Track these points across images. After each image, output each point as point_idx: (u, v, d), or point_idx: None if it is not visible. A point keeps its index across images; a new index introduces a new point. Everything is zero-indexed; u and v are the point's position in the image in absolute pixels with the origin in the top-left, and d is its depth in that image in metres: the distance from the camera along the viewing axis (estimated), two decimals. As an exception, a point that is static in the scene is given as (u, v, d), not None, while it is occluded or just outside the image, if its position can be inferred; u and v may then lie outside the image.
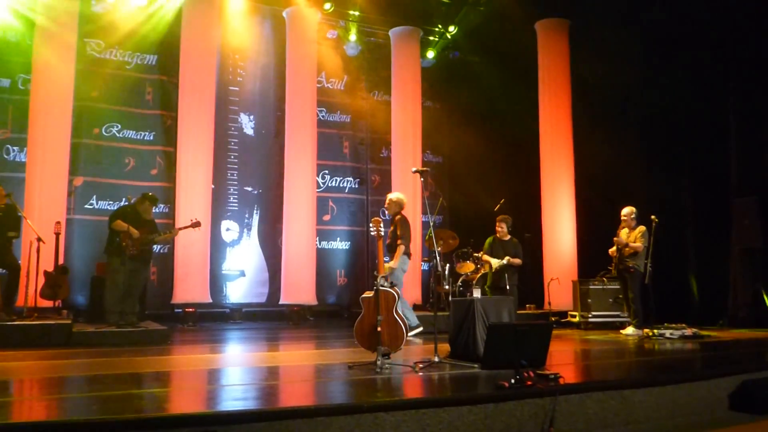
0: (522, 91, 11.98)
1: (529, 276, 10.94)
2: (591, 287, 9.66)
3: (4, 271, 7.53)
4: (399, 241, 7.70)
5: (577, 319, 9.79)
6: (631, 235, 8.29)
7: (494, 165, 12.40)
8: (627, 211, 8.44)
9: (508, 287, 8.32)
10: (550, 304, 10.90)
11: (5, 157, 9.92)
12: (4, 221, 7.33)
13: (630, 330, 8.22)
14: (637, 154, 10.62)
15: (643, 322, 8.18)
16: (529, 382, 4.03)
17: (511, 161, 12.39)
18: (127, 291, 7.61)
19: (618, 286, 9.03)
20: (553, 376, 4.23)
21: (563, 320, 10.22)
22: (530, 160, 11.85)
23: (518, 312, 8.48)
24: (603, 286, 9.60)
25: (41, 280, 8.12)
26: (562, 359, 6.02)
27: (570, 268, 11.17)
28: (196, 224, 7.91)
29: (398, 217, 7.91)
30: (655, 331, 7.80)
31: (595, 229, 10.47)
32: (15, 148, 9.94)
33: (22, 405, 4.06)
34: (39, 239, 7.79)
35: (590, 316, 9.55)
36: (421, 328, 8.06)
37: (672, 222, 9.48)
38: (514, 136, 12.23)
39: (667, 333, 7.73)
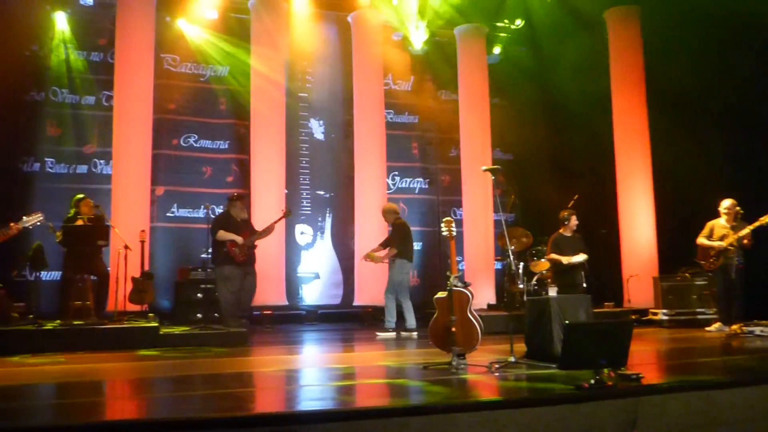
0: (593, 83, 11.65)
1: (607, 273, 10.63)
2: (673, 283, 9.29)
3: (95, 277, 7.92)
4: (392, 245, 8.32)
5: (659, 316, 9.44)
6: (744, 229, 7.86)
7: (566, 160, 12.12)
8: (729, 203, 8.02)
9: (585, 285, 8.10)
10: (629, 301, 10.56)
11: (93, 170, 10.48)
12: (93, 231, 7.71)
13: (716, 327, 7.87)
14: (716, 146, 10.14)
15: (731, 319, 7.80)
16: (610, 383, 3.93)
17: (583, 156, 12.08)
18: (239, 295, 7.85)
19: (704, 282, 8.65)
20: (634, 377, 4.10)
21: (644, 318, 9.87)
22: (604, 153, 11.51)
23: (596, 310, 8.26)
24: (686, 282, 9.21)
25: (129, 286, 8.53)
26: (644, 359, 5.83)
27: (650, 264, 10.79)
28: (287, 214, 8.14)
29: (397, 222, 8.54)
30: (744, 328, 7.43)
31: (676, 224, 10.07)
32: (101, 161, 10.48)
33: (114, 404, 4.28)
34: (126, 247, 8.17)
35: (673, 313, 9.19)
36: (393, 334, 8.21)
37: (754, 215, 8.99)
38: (586, 130, 11.92)
39: (757, 330, 7.35)
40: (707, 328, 8.12)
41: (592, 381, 3.92)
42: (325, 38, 12.20)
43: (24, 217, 5.78)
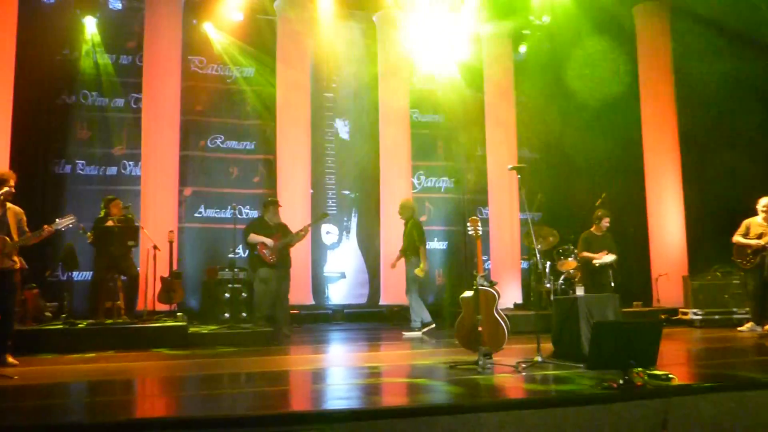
0: (621, 80, 11.51)
1: (635, 272, 10.50)
2: (704, 282, 9.14)
3: (125, 277, 8.05)
4: (418, 243, 8.30)
5: (689, 316, 9.29)
6: None
7: (594, 159, 11.99)
8: (766, 201, 7.84)
9: (613, 284, 8.01)
10: (658, 301, 10.42)
11: (122, 172, 10.65)
12: (123, 231, 7.84)
13: (748, 327, 7.72)
14: (749, 142, 9.95)
15: (764, 319, 7.65)
16: (639, 383, 3.88)
17: (611, 153, 11.94)
18: (275, 298, 7.91)
19: (736, 281, 8.49)
20: (664, 377, 4.05)
21: (674, 318, 9.71)
22: (632, 150, 11.37)
23: (624, 310, 8.16)
24: (717, 281, 9.05)
25: (158, 286, 8.65)
26: (674, 359, 5.75)
27: (679, 263, 10.63)
28: (321, 216, 8.22)
29: (411, 221, 8.50)
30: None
31: (706, 222, 9.91)
32: (130, 163, 10.64)
33: (144, 402, 4.35)
34: (155, 247, 8.29)
35: (704, 313, 9.04)
36: (433, 325, 8.32)
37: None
38: (613, 127, 11.78)
39: (791, 330, 7.20)
40: (739, 328, 7.98)
41: (621, 381, 3.88)
42: (351, 38, 12.23)
43: (57, 220, 5.90)
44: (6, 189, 5.55)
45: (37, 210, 9.07)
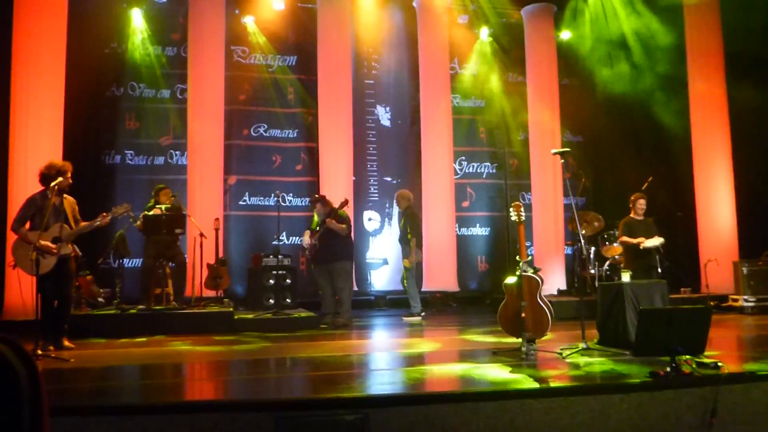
0: (668, 60, 11.19)
1: (684, 257, 10.26)
2: (756, 268, 8.88)
3: (173, 264, 8.26)
4: (410, 236, 8.36)
5: (739, 302, 9.05)
6: None
7: (639, 142, 11.72)
8: None
9: (660, 270, 7.84)
10: (707, 287, 10.16)
11: (169, 161, 10.88)
12: (171, 219, 8.02)
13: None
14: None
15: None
16: (687, 371, 3.82)
17: (658, 136, 11.64)
18: (327, 292, 8.20)
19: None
20: (713, 365, 3.98)
21: (723, 305, 9.47)
22: (680, 133, 11.06)
23: (672, 296, 7.99)
24: (770, 267, 8.79)
25: (205, 272, 8.84)
26: (724, 346, 5.63)
27: (729, 248, 10.33)
28: (345, 203, 8.38)
29: (409, 210, 8.61)
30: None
31: (758, 206, 9.60)
32: (177, 152, 10.87)
33: (194, 385, 4.47)
34: (201, 234, 8.46)
35: (755, 299, 8.79)
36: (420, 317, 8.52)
37: None
38: (660, 109, 11.47)
39: None
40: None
41: (668, 369, 3.83)
42: (391, 24, 12.19)
43: (113, 208, 6.12)
44: (61, 179, 5.75)
45: (89, 199, 9.34)
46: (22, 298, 6.76)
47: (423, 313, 8.67)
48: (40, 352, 5.22)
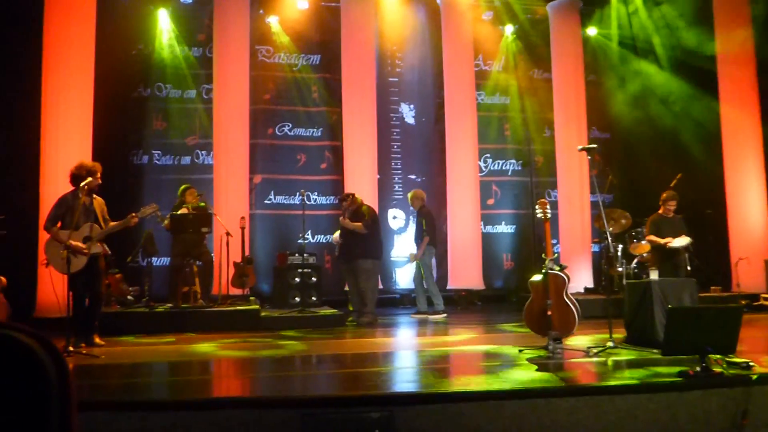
0: (697, 55, 10.99)
1: (714, 256, 10.08)
2: (789, 266, 8.69)
3: (200, 263, 8.35)
4: (425, 235, 8.64)
5: (772, 301, 8.87)
6: None
7: (668, 138, 11.53)
8: None
9: (689, 268, 7.72)
10: (738, 285, 9.97)
11: (196, 161, 11.00)
12: (198, 219, 8.12)
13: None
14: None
15: None
16: (717, 371, 3.76)
17: (687, 132, 11.44)
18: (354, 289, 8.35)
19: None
20: (744, 365, 3.91)
21: (755, 303, 9.29)
22: (709, 129, 10.86)
23: (702, 295, 7.87)
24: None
25: (231, 271, 8.93)
26: (756, 346, 5.52)
27: (761, 246, 10.13)
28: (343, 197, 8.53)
29: (424, 210, 8.87)
30: None
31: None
32: (203, 152, 10.98)
33: (220, 382, 4.52)
34: (228, 233, 8.55)
35: (789, 298, 8.60)
36: (445, 315, 8.73)
37: None
38: (689, 105, 11.28)
39: None
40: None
41: (698, 368, 3.77)
42: (414, 21, 12.17)
43: (141, 208, 6.23)
44: (91, 179, 5.86)
45: (118, 199, 9.48)
46: (54, 296, 6.91)
47: (422, 314, 8.85)
48: (71, 348, 5.31)
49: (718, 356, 3.92)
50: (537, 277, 5.23)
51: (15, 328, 0.82)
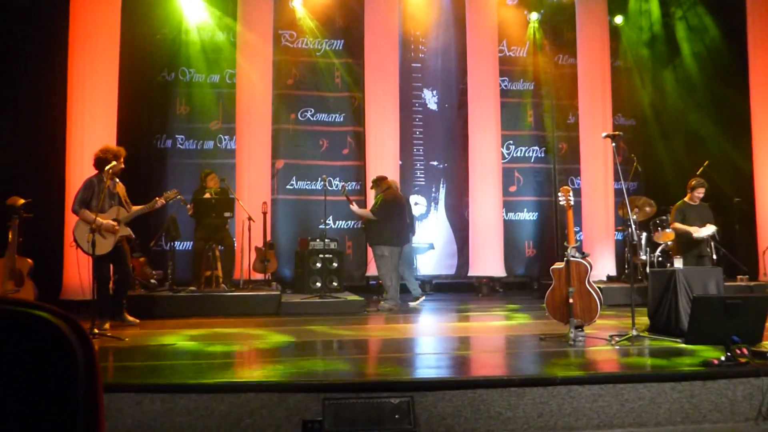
0: (726, 41, 10.76)
1: (741, 244, 9.93)
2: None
3: (222, 247, 8.43)
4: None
5: (800, 291, 8.71)
6: None
7: (695, 125, 11.33)
8: None
9: (714, 257, 7.61)
10: (766, 275, 9.81)
11: (218, 146, 11.06)
12: (220, 203, 8.19)
13: None
14: None
15: None
16: (742, 360, 3.71)
17: (714, 119, 11.24)
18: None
19: None
20: (771, 355, 3.85)
21: (783, 293, 9.14)
22: (738, 116, 10.65)
23: (728, 284, 7.76)
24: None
25: (253, 255, 9.00)
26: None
27: (791, 235, 9.94)
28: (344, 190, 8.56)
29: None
30: None
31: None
32: (226, 137, 11.03)
33: (242, 365, 4.57)
34: (250, 218, 8.61)
35: (818, 288, 8.45)
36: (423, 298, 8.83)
37: None
38: (717, 92, 11.06)
39: None
40: None
41: (723, 358, 3.72)
42: (438, 6, 12.06)
43: (165, 193, 6.33)
44: (115, 163, 5.93)
45: (142, 182, 9.62)
46: (79, 278, 7.04)
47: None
48: (96, 330, 5.41)
49: (743, 345, 3.87)
50: (559, 265, 5.19)
51: (45, 309, 0.83)
